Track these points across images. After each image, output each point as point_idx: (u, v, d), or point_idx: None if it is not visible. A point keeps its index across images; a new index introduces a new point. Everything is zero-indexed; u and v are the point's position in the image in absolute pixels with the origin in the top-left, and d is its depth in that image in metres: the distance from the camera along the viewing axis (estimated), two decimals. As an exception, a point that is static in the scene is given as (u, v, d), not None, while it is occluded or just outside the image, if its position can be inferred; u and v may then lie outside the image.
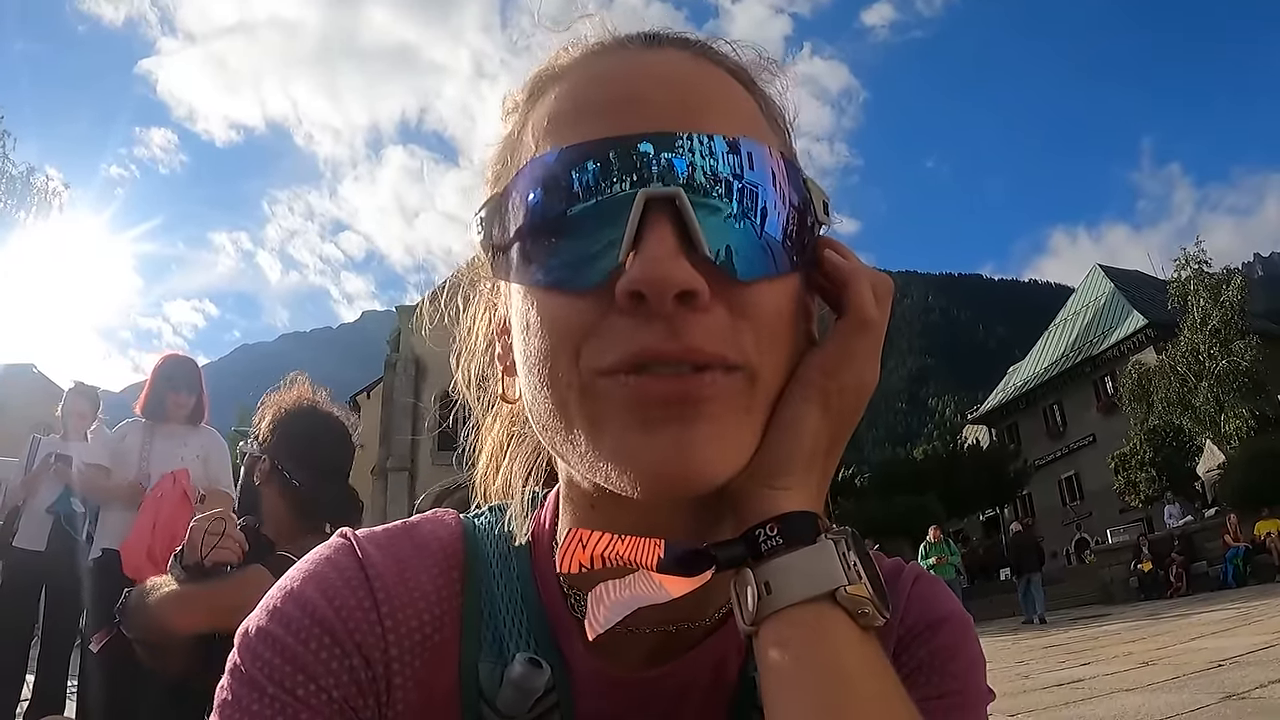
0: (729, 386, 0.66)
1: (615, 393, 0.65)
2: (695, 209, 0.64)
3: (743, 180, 0.67)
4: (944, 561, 19.69)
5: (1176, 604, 18.35)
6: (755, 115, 0.77)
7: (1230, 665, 7.40)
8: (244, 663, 0.73)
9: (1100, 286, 55.59)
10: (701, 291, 0.63)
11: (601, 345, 0.65)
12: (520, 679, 0.75)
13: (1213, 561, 21.56)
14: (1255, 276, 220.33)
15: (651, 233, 0.63)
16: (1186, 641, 10.11)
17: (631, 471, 0.65)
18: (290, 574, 0.79)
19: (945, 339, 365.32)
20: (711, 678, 0.81)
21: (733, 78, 0.77)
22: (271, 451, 2.99)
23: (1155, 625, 13.43)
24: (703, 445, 0.64)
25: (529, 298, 0.70)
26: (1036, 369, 57.51)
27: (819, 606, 0.64)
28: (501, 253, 0.72)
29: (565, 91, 0.74)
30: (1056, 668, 9.55)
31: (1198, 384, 34.10)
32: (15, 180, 28.94)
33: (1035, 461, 51.80)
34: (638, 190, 0.64)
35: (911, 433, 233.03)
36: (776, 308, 0.69)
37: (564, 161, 0.67)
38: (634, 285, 0.62)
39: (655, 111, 0.69)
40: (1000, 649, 13.59)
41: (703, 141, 0.66)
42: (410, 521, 0.86)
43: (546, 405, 0.69)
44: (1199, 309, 35.14)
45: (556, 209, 0.67)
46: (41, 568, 6.10)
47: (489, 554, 0.85)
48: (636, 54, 0.77)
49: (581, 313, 0.66)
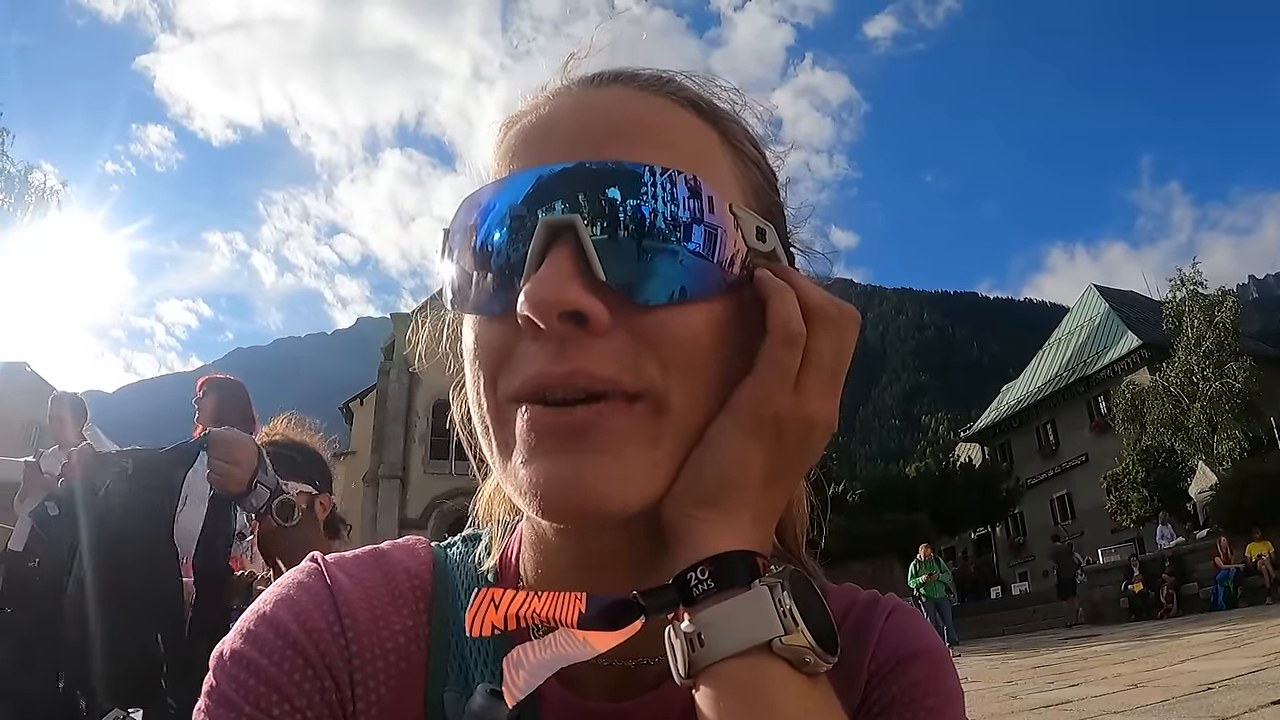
0: (629, 417, 0.66)
1: (517, 422, 0.67)
2: (597, 235, 0.65)
3: (651, 207, 0.67)
4: (934, 579, 19.79)
5: (1167, 625, 18.33)
6: (702, 140, 0.77)
7: (1220, 688, 7.42)
8: (220, 684, 0.74)
9: (1095, 306, 55.82)
10: (593, 314, 0.64)
11: (510, 371, 0.68)
12: (481, 710, 0.74)
13: (1204, 583, 21.53)
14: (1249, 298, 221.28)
15: (548, 259, 0.65)
16: (1176, 664, 10.13)
17: (532, 499, 0.66)
18: (263, 597, 0.80)
19: (939, 356, 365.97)
20: (682, 713, 0.76)
21: (680, 106, 0.78)
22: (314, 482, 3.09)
23: (1145, 647, 13.46)
24: (595, 476, 0.65)
25: (466, 324, 0.74)
26: (1030, 388, 57.71)
27: (756, 659, 0.62)
28: (449, 284, 0.75)
29: (509, 135, 0.79)
30: (1045, 688, 9.58)
31: (1191, 405, 34.20)
32: (13, 178, 29.02)
33: (1027, 480, 52.14)
34: (539, 218, 0.66)
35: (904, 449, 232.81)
36: (688, 334, 0.68)
37: (488, 194, 0.71)
38: (523, 308, 0.64)
39: (570, 143, 0.72)
40: (989, 669, 13.62)
41: (608, 168, 0.68)
42: (380, 549, 0.88)
43: (480, 429, 0.73)
44: (1193, 330, 35.22)
45: (477, 238, 0.71)
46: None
47: (457, 584, 0.85)
48: (580, 94, 0.79)
49: (496, 338, 0.69)
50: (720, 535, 0.67)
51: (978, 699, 9.34)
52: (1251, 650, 10.22)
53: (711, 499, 0.68)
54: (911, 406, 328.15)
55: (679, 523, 0.68)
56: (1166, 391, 35.44)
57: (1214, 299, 35.93)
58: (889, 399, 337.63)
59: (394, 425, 39.87)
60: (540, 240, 0.65)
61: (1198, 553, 22.86)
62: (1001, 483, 47.66)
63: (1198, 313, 35.43)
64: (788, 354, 0.69)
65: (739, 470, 0.69)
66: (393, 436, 39.62)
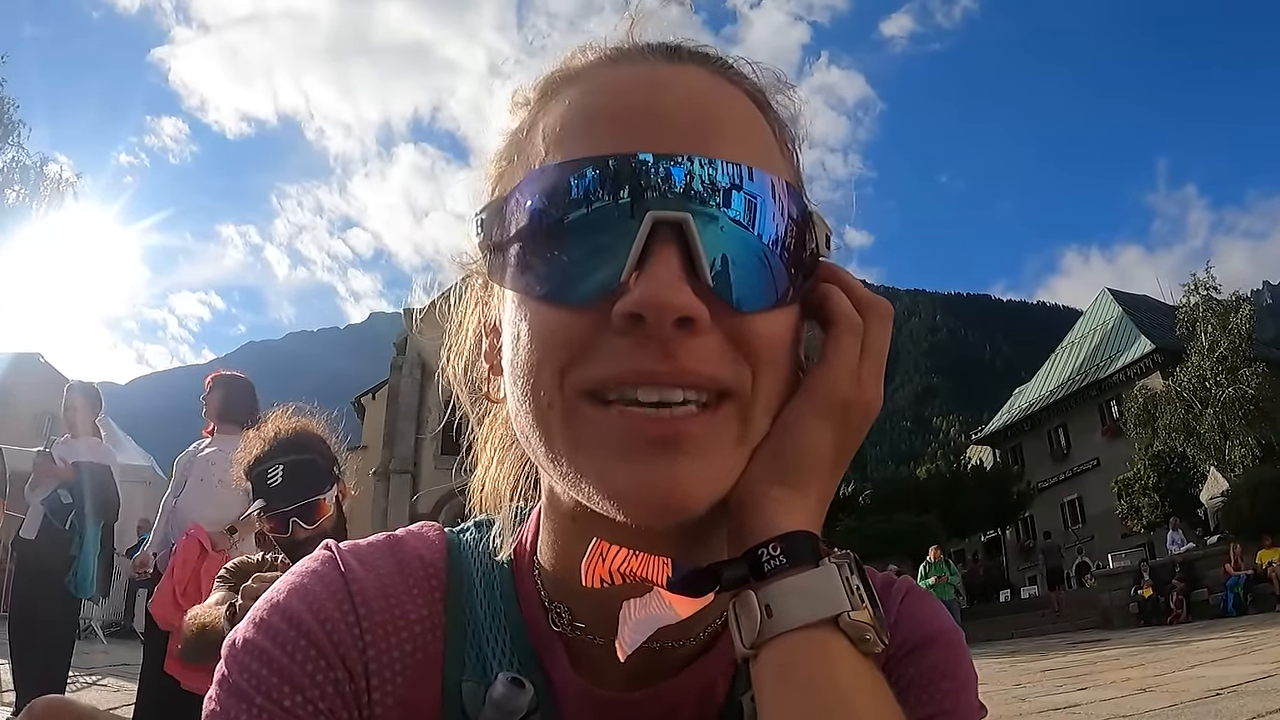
0: (718, 417, 0.67)
1: (600, 420, 0.65)
2: (701, 234, 0.64)
3: (750, 210, 0.67)
4: (943, 581, 19.74)
5: (1176, 631, 18.30)
6: (768, 139, 0.77)
7: (1228, 694, 7.40)
8: (231, 674, 0.73)
9: (1108, 310, 55.59)
10: (701, 318, 0.63)
11: (591, 363, 0.65)
12: (502, 699, 0.75)
13: (1213, 589, 21.40)
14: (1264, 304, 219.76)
15: (657, 256, 0.63)
16: (1185, 669, 10.10)
17: (614, 497, 0.66)
18: (276, 586, 0.79)
19: (952, 358, 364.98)
20: (699, 701, 0.81)
21: (749, 99, 0.77)
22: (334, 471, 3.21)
23: (1154, 652, 13.39)
24: (686, 478, 0.65)
25: (522, 306, 0.70)
26: (1042, 391, 57.47)
27: (821, 632, 0.64)
28: (499, 256, 0.72)
29: (578, 97, 0.73)
30: (1053, 691, 9.52)
31: (1203, 411, 33.96)
32: (29, 170, 29.04)
33: (1038, 484, 51.72)
34: (646, 211, 0.64)
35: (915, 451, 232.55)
36: (773, 337, 0.69)
37: (571, 173, 0.67)
38: (636, 307, 0.62)
39: (668, 131, 0.68)
40: (997, 671, 13.55)
41: (714, 167, 0.66)
42: (395, 536, 0.87)
43: (529, 419, 0.70)
44: (1207, 335, 34.97)
45: (559, 221, 0.67)
46: (34, 554, 6.28)
47: (473, 571, 0.85)
48: (655, 67, 0.76)
49: (573, 327, 0.66)
50: (791, 513, 0.69)
51: (986, 701, 9.03)
52: (1261, 657, 10.16)
53: (787, 478, 0.70)
54: (923, 408, 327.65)
55: (753, 501, 0.69)
56: (1179, 397, 35.20)
57: (1228, 304, 35.64)
58: (901, 400, 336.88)
59: (405, 420, 39.74)
60: (646, 234, 0.63)
61: (1208, 559, 22.74)
62: (1012, 486, 47.42)
63: (1211, 318, 35.18)
64: (854, 344, 0.73)
65: (813, 452, 0.71)
66: (404, 432, 39.48)
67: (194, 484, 5.96)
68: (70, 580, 6.22)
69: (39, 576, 6.32)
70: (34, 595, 6.33)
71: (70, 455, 6.52)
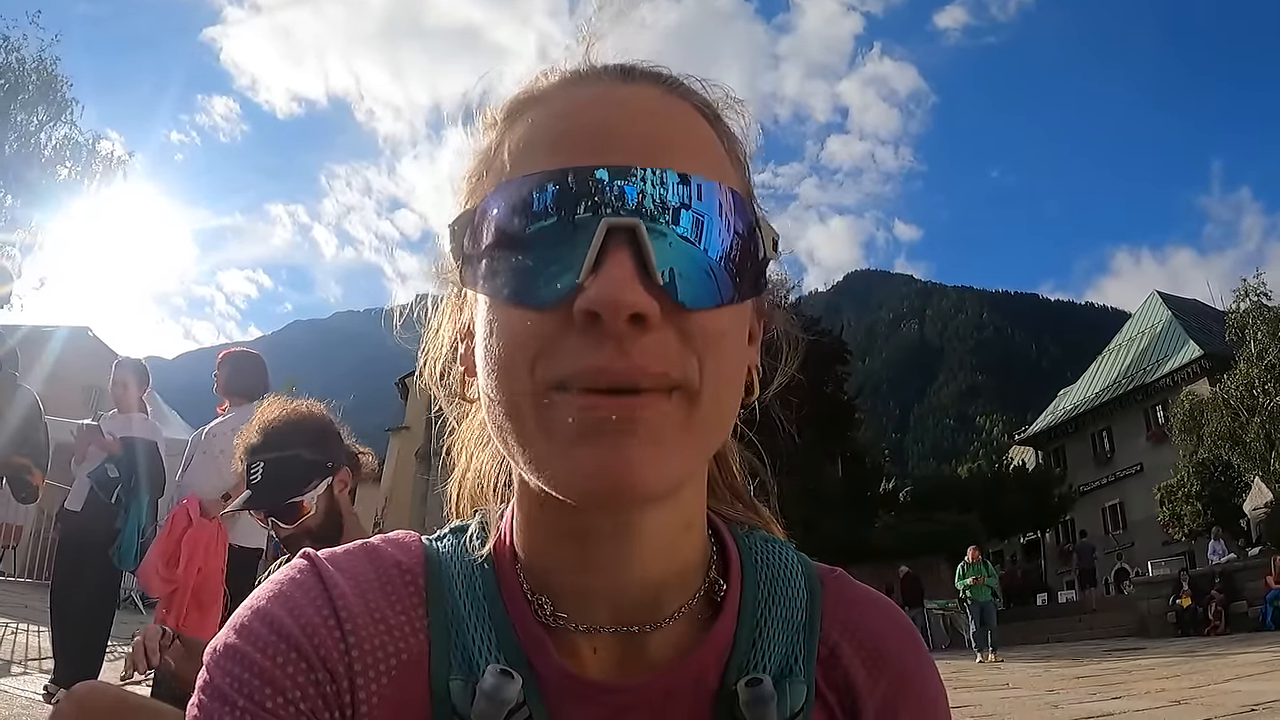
0: (667, 406, 0.70)
1: (564, 406, 0.69)
2: (650, 238, 0.69)
3: (695, 214, 0.72)
4: (981, 583, 19.37)
5: (1213, 643, 17.92)
6: (718, 151, 0.82)
7: (1264, 711, 7.32)
8: (213, 678, 0.76)
9: (1157, 314, 54.88)
10: (652, 314, 0.67)
11: (556, 359, 0.70)
12: (493, 690, 0.76)
13: (1253, 602, 21.01)
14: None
15: (610, 258, 0.68)
16: (1221, 682, 9.93)
17: (574, 477, 0.70)
18: (256, 593, 0.82)
19: (997, 357, 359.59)
20: (693, 689, 0.82)
21: (699, 114, 0.83)
22: (338, 459, 3.15)
23: (1190, 663, 13.11)
24: (639, 459, 0.68)
25: (493, 309, 0.75)
26: (1087, 393, 56.85)
27: None
28: (470, 264, 0.77)
29: (541, 117, 0.80)
30: (1086, 699, 9.39)
31: (1250, 419, 33.28)
32: (81, 148, 29.48)
33: (1080, 487, 50.78)
34: (601, 218, 0.69)
35: (957, 449, 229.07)
36: (720, 332, 0.73)
37: (534, 185, 0.72)
38: (591, 305, 0.67)
39: (621, 144, 0.74)
40: (1031, 676, 13.46)
41: (661, 176, 0.71)
42: (371, 543, 0.89)
43: (502, 410, 0.74)
44: (1256, 342, 34.31)
45: (523, 229, 0.72)
46: (79, 526, 6.41)
47: (452, 575, 0.87)
48: (611, 87, 0.82)
49: (539, 327, 0.70)
50: None
51: (1018, 706, 9.22)
52: (1298, 673, 10.01)
53: None
54: (966, 406, 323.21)
55: None
56: (1226, 404, 34.62)
57: (1279, 311, 35.13)
58: (945, 398, 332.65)
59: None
60: (601, 240, 0.68)
61: (1249, 570, 22.33)
62: (1054, 488, 46.48)
63: (1261, 325, 34.45)
64: None
65: None
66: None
67: (198, 459, 6.18)
68: (114, 553, 6.26)
69: (83, 548, 6.32)
70: (77, 567, 6.35)
71: (120, 430, 6.61)
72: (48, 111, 28.70)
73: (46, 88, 28.49)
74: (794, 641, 0.85)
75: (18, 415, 5.82)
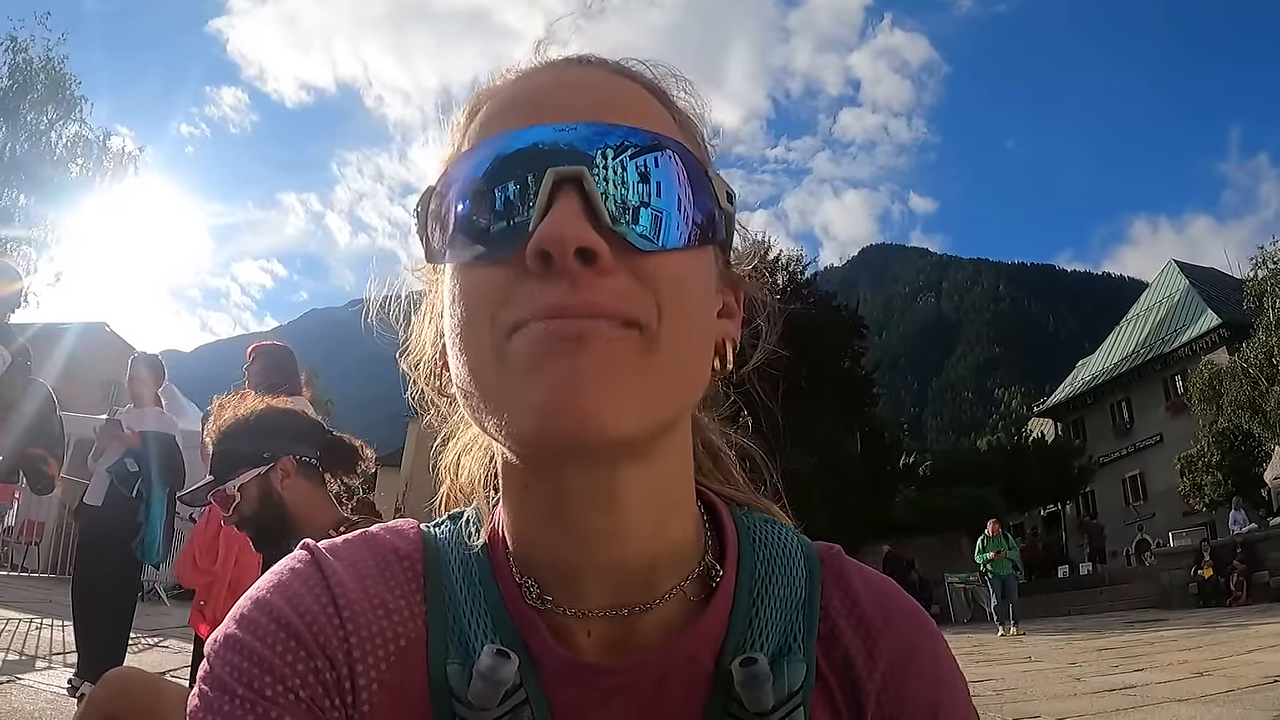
0: (622, 339, 0.70)
1: (519, 343, 0.70)
2: (597, 185, 0.71)
3: (641, 162, 0.73)
4: (1002, 556, 19.25)
5: (1235, 613, 17.88)
6: (667, 121, 0.84)
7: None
8: (215, 668, 0.77)
9: (1175, 283, 54.40)
10: (602, 252, 0.69)
11: (513, 306, 0.71)
12: (489, 670, 0.77)
13: (1274, 572, 20.84)
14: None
15: (558, 204, 0.69)
16: (1243, 654, 9.94)
17: (526, 413, 0.70)
18: (257, 584, 0.83)
19: (1015, 329, 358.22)
20: (687, 669, 0.82)
21: (648, 92, 0.85)
22: (278, 449, 3.10)
23: (1212, 634, 13.12)
24: (590, 385, 0.68)
25: (455, 275, 0.77)
26: (1106, 364, 56.47)
27: None
28: (432, 239, 0.79)
29: (495, 103, 0.82)
30: (1109, 672, 9.43)
31: (1270, 388, 33.20)
32: (92, 144, 29.56)
33: (1100, 459, 50.62)
34: (547, 168, 0.70)
35: (976, 422, 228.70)
36: (677, 275, 0.74)
37: (483, 149, 0.75)
38: (539, 243, 0.68)
39: (569, 111, 0.76)
40: (1053, 649, 13.46)
41: (609, 129, 0.74)
42: (369, 532, 0.90)
43: (467, 371, 0.75)
44: (1275, 310, 34.12)
45: (476, 191, 0.74)
46: (99, 521, 6.47)
47: (449, 561, 0.88)
48: (561, 71, 0.85)
49: (497, 279, 0.72)
50: None
51: (1041, 679, 9.27)
52: (1320, 643, 9.99)
53: None
54: (985, 379, 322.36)
55: None
56: (1245, 373, 34.53)
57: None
58: (962, 371, 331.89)
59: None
60: (549, 188, 0.70)
61: (1270, 540, 22.14)
62: (1074, 460, 46.46)
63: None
64: None
65: None
66: (462, 400, 39.69)
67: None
68: (137, 546, 6.28)
69: (104, 542, 6.37)
70: (98, 560, 6.39)
71: (137, 424, 6.67)
72: (57, 110, 28.73)
73: (55, 86, 28.52)
74: (793, 620, 0.85)
75: (32, 408, 5.85)
